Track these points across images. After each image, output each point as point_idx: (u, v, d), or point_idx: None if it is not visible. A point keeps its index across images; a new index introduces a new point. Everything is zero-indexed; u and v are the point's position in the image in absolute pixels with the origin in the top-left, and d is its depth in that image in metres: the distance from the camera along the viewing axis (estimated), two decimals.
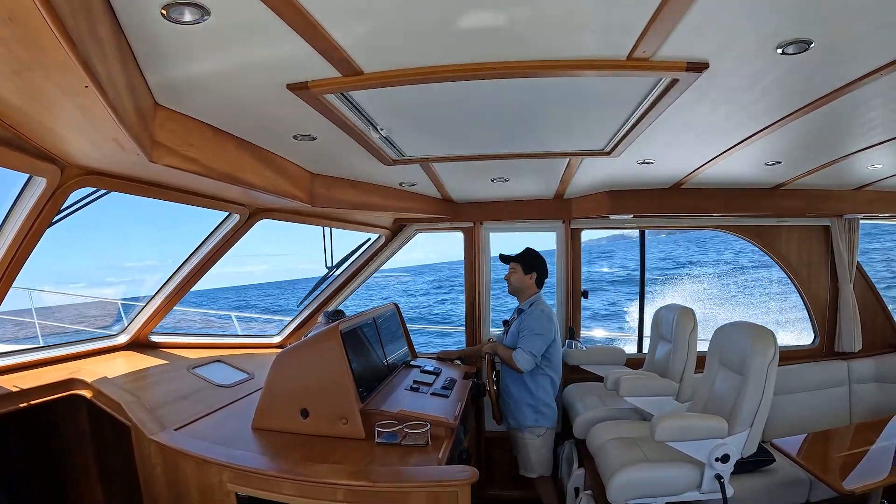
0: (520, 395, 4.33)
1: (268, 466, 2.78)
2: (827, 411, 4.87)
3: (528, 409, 4.32)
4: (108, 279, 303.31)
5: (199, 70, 1.99)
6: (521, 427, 4.36)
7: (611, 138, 3.06)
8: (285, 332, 5.58)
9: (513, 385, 4.37)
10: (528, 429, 4.34)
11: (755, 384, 3.15)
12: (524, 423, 4.34)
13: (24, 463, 3.59)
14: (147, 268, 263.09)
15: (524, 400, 4.33)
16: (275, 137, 2.95)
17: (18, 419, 3.27)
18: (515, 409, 4.37)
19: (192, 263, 4.22)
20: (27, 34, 1.27)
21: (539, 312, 4.35)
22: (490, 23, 1.70)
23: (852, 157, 3.57)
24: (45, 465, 3.70)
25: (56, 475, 3.73)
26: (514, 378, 4.35)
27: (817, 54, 1.87)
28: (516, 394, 4.35)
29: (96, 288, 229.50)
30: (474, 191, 4.87)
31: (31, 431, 3.61)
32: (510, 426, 4.47)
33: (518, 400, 4.34)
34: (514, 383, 4.36)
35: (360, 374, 3.39)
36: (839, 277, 5.21)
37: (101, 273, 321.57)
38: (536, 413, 4.33)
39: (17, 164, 2.29)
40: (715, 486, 3.15)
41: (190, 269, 4.22)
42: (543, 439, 4.38)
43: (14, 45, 1.33)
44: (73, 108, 1.76)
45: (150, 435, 2.95)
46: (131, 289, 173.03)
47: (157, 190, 3.15)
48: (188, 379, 3.95)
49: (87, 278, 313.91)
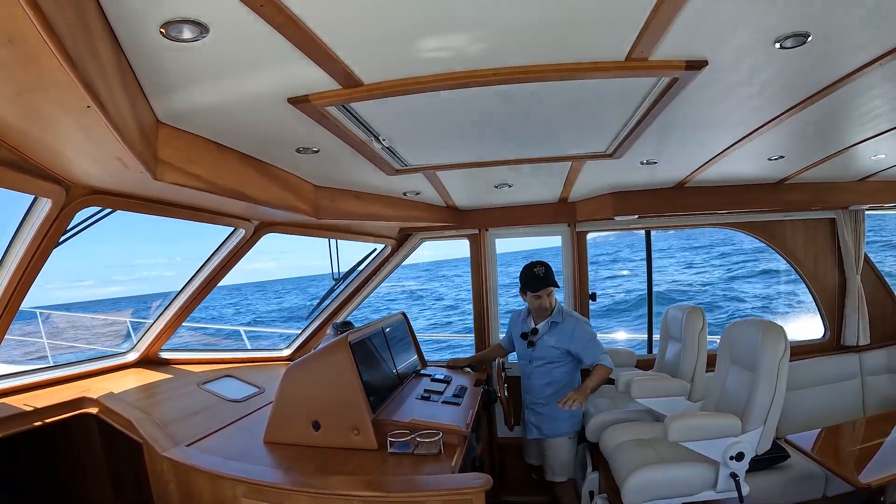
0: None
1: (281, 480, 2.78)
2: (840, 405, 4.84)
3: (569, 417, 4.28)
4: (116, 277, 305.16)
5: (199, 87, 2.00)
6: (559, 435, 4.31)
7: (612, 140, 3.06)
8: (294, 344, 5.59)
9: (552, 398, 4.21)
10: (565, 434, 4.31)
11: (767, 380, 3.14)
12: (563, 431, 4.30)
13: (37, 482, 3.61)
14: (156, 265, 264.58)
15: (569, 412, 4.18)
16: (278, 151, 2.96)
17: (30, 438, 3.29)
18: (552, 418, 4.29)
19: (199, 279, 4.23)
20: (27, 56, 1.28)
21: (580, 319, 4.38)
22: (487, 32, 1.70)
23: (855, 148, 3.55)
24: (58, 484, 3.71)
25: (69, 494, 3.74)
26: (555, 392, 4.25)
27: (815, 46, 1.87)
28: (559, 407, 4.14)
29: (104, 287, 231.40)
30: (478, 197, 4.87)
31: (43, 451, 3.62)
32: (536, 437, 4.39)
33: (559, 412, 4.17)
34: (555, 396, 4.20)
35: (370, 385, 3.39)
36: (846, 269, 5.19)
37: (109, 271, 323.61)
38: (574, 417, 4.32)
39: (21, 185, 2.30)
40: (730, 485, 3.14)
41: (198, 286, 4.24)
42: (573, 441, 4.36)
43: (14, 66, 1.34)
44: (76, 128, 1.77)
45: (162, 451, 2.95)
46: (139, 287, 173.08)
47: (162, 207, 3.17)
48: (199, 394, 3.96)
49: (95, 276, 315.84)
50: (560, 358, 4.28)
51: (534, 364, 4.37)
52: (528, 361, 4.42)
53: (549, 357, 4.30)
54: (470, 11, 1.57)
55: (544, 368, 4.32)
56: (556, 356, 4.28)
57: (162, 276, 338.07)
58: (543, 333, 4.33)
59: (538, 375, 4.35)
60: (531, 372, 4.40)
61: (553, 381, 4.31)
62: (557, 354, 4.27)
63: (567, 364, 4.31)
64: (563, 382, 4.30)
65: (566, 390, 4.20)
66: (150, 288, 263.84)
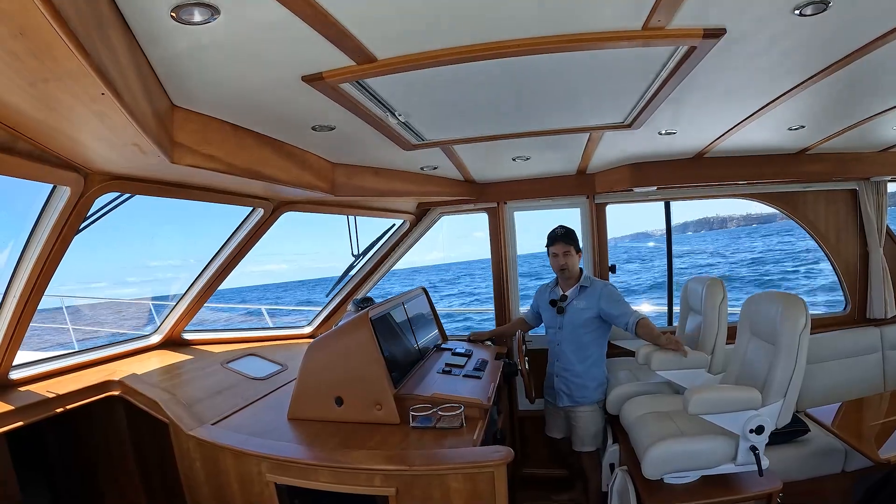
0: (594, 373, 4.34)
1: (305, 455, 2.82)
2: (861, 379, 4.79)
3: (597, 385, 4.36)
4: (130, 278, 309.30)
5: (212, 69, 2.01)
6: (589, 403, 4.35)
7: (630, 110, 3.03)
8: (316, 322, 5.65)
9: (581, 364, 4.34)
10: (595, 402, 4.36)
11: (787, 353, 3.12)
12: (593, 398, 4.35)
13: (65, 465, 3.68)
14: (170, 267, 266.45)
15: (597, 378, 4.35)
16: (294, 130, 2.96)
17: (58, 424, 3.35)
18: (584, 386, 4.34)
19: (219, 260, 4.28)
20: (39, 46, 1.29)
21: (607, 283, 4.48)
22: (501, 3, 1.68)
23: (877, 119, 3.49)
24: (86, 466, 3.79)
25: (96, 475, 3.82)
26: (587, 356, 4.34)
27: (836, 14, 1.83)
28: (589, 372, 4.33)
29: (118, 288, 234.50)
30: (496, 171, 4.84)
31: (71, 434, 3.70)
32: (566, 405, 4.42)
33: (589, 378, 4.33)
34: (585, 362, 4.34)
35: (392, 360, 3.42)
36: (868, 242, 5.11)
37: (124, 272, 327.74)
38: (601, 386, 4.38)
39: (40, 175, 2.33)
40: (750, 458, 3.13)
41: (218, 266, 4.28)
42: (602, 410, 4.39)
43: (27, 57, 1.35)
44: (91, 115, 1.78)
45: (188, 430, 3.01)
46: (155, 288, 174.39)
47: (180, 190, 3.19)
48: (222, 374, 4.02)
49: (109, 277, 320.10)
50: (590, 322, 4.32)
51: (564, 330, 4.40)
52: (557, 328, 4.46)
53: (580, 321, 4.33)
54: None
55: (575, 334, 4.35)
56: (587, 320, 4.31)
57: (177, 278, 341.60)
58: (573, 298, 4.39)
59: (568, 342, 4.38)
60: (561, 339, 4.42)
61: (583, 345, 4.35)
62: (588, 318, 4.31)
63: (597, 329, 4.35)
64: (592, 347, 4.35)
65: (595, 356, 4.35)
66: (164, 290, 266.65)
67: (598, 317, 4.29)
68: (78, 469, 3.77)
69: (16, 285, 2.91)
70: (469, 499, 2.52)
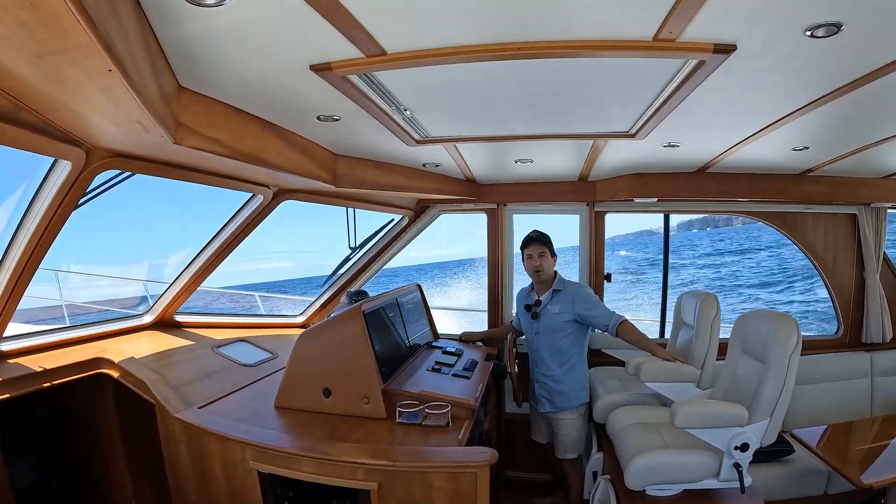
0: (573, 377, 4.30)
1: (289, 444, 2.82)
2: (848, 403, 4.81)
3: (579, 389, 4.33)
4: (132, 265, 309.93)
5: (222, 52, 2.01)
6: (571, 408, 4.32)
7: (636, 120, 3.03)
8: (308, 311, 5.64)
9: (559, 368, 4.30)
10: (576, 408, 4.33)
11: (777, 373, 3.12)
12: (575, 403, 4.31)
13: (53, 440, 3.68)
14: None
15: (578, 382, 4.32)
16: (298, 118, 2.96)
17: (46, 398, 3.35)
18: (564, 392, 4.30)
19: (217, 243, 4.26)
20: (49, 17, 1.28)
21: (581, 284, 4.51)
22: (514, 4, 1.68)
23: (882, 145, 3.50)
24: (73, 442, 3.79)
25: (83, 452, 3.81)
26: (565, 361, 4.30)
27: (847, 38, 1.83)
28: (568, 376, 4.29)
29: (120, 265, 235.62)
30: (498, 172, 4.84)
31: (59, 410, 3.69)
32: (547, 411, 4.39)
33: (568, 382, 4.29)
34: (563, 366, 4.30)
35: (382, 354, 3.42)
36: (866, 267, 5.12)
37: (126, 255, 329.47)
38: (583, 390, 4.35)
39: (42, 147, 2.32)
40: (733, 475, 3.13)
41: (215, 249, 4.27)
42: (584, 417, 4.38)
43: (36, 28, 1.34)
44: (97, 91, 1.78)
45: (174, 413, 3.01)
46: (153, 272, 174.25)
47: (182, 171, 3.18)
48: (212, 358, 4.01)
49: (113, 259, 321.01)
50: (566, 326, 4.28)
51: (541, 336, 4.37)
52: (534, 334, 4.43)
53: (553, 326, 4.30)
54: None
55: (551, 339, 4.32)
56: (561, 324, 4.28)
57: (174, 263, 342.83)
58: (546, 303, 4.36)
59: (545, 347, 4.36)
60: (538, 344, 4.40)
61: (560, 349, 4.31)
62: (563, 322, 4.27)
63: (573, 333, 4.30)
64: (570, 352, 4.31)
65: (574, 360, 4.31)
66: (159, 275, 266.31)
67: (574, 320, 4.26)
68: (66, 444, 3.77)
69: (11, 257, 2.90)
70: (451, 498, 2.52)
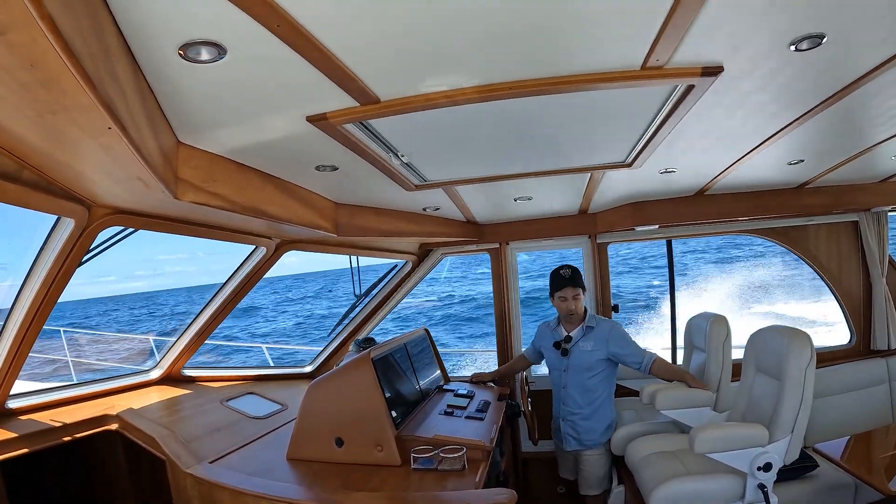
0: (601, 415, 4.18)
1: (304, 496, 2.77)
2: (868, 411, 4.73)
3: (606, 427, 4.21)
4: (138, 272, 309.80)
5: (219, 107, 2.03)
6: (595, 445, 4.20)
7: (631, 149, 3.05)
8: (317, 361, 5.61)
9: (588, 406, 4.18)
10: (602, 444, 4.21)
11: (793, 388, 3.09)
12: (602, 440, 4.20)
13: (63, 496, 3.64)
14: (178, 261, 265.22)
15: (606, 419, 4.19)
16: (297, 169, 2.98)
17: (55, 454, 3.32)
18: (592, 429, 4.18)
19: (220, 298, 4.27)
20: (48, 79, 1.31)
21: (614, 321, 4.37)
22: (502, 47, 1.71)
23: (875, 149, 3.51)
24: (83, 500, 3.74)
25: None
26: (594, 399, 4.17)
27: (831, 47, 1.85)
28: (596, 414, 4.17)
29: (126, 282, 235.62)
30: (498, 211, 4.86)
31: (69, 466, 3.66)
32: (574, 449, 4.26)
33: (596, 420, 4.17)
34: (593, 403, 4.18)
35: (393, 401, 3.39)
36: (871, 272, 5.09)
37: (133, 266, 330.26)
38: (610, 428, 4.24)
39: (44, 206, 2.35)
40: (759, 496, 3.08)
41: (219, 304, 4.28)
42: (609, 453, 4.25)
43: (37, 89, 1.37)
44: (97, 148, 1.80)
45: (185, 468, 2.97)
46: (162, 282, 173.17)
47: (184, 226, 3.21)
48: (222, 411, 3.98)
49: (117, 271, 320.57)
50: (598, 364, 4.15)
51: (570, 373, 4.24)
52: (562, 371, 4.28)
53: (586, 364, 4.17)
54: (483, 26, 1.57)
55: (581, 376, 4.18)
56: (594, 363, 4.15)
57: (185, 272, 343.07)
58: (578, 339, 4.22)
59: (574, 385, 4.21)
60: (567, 381, 4.25)
61: (590, 388, 4.17)
62: (595, 361, 4.15)
63: (604, 370, 4.18)
64: (600, 389, 4.19)
65: (603, 398, 4.19)
66: (171, 283, 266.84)
67: (606, 359, 4.15)
68: (75, 501, 3.72)
69: (16, 314, 2.92)
70: None
